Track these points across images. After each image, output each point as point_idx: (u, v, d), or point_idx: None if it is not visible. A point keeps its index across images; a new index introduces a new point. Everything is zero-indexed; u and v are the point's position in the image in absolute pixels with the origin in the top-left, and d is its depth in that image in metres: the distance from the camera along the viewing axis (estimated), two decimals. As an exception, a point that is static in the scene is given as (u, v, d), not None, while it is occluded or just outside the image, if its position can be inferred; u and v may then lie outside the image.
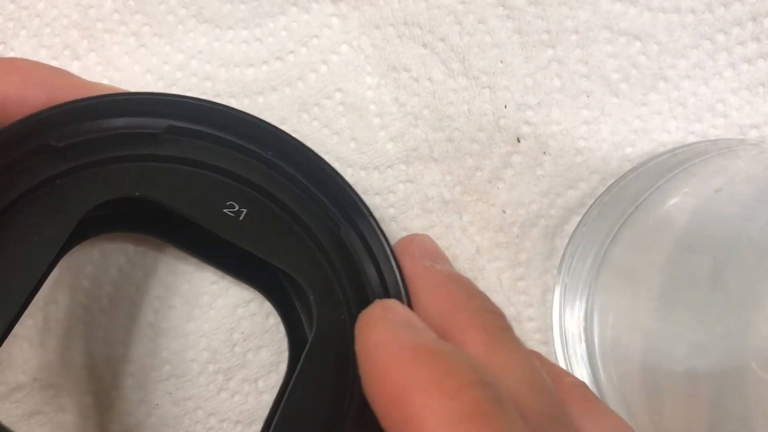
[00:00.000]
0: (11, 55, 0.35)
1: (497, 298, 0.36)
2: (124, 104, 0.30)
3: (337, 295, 0.31)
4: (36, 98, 0.29)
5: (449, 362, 0.22)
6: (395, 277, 0.30)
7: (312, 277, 0.31)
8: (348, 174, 0.36)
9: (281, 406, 0.28)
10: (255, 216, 0.31)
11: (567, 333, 0.35)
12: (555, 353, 0.35)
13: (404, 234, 0.36)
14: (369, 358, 0.24)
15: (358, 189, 0.32)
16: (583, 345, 0.34)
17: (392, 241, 0.31)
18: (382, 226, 0.31)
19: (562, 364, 0.35)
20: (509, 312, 0.36)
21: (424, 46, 0.35)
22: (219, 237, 0.30)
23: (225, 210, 0.30)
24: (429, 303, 0.29)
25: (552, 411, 0.24)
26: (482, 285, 0.36)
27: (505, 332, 0.27)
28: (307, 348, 0.29)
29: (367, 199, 0.33)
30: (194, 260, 0.35)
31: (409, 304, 0.30)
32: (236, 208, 0.30)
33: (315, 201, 0.31)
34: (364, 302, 0.29)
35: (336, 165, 0.35)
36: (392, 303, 0.27)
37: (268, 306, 0.36)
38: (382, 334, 0.24)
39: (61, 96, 0.29)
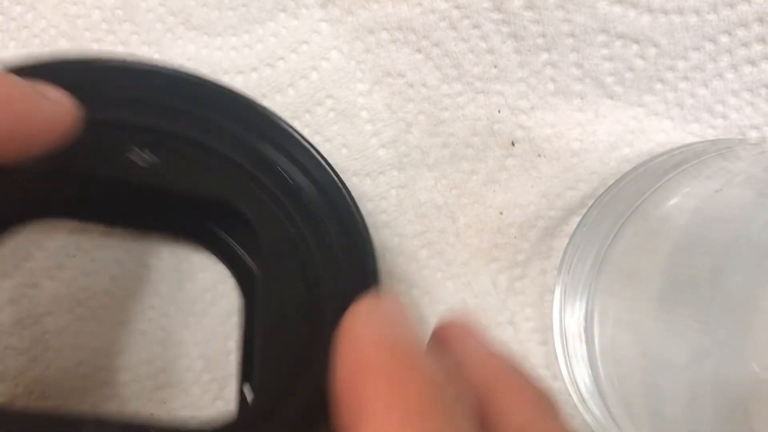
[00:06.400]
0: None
1: (492, 302, 0.36)
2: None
3: (282, 221, 0.31)
4: None
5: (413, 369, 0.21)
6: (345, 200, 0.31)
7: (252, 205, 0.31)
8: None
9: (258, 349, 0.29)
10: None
11: (567, 333, 0.34)
12: (555, 353, 0.35)
13: (397, 240, 0.36)
14: (343, 347, 0.22)
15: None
16: (584, 345, 0.34)
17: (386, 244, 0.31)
18: (375, 232, 0.31)
19: (562, 364, 0.35)
20: (505, 316, 0.36)
21: (419, 51, 0.35)
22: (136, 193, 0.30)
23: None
24: None
25: None
26: (476, 289, 0.36)
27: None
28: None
29: (359, 205, 0.33)
30: (188, 269, 0.35)
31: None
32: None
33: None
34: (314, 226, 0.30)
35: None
36: (384, 298, 0.24)
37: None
38: (363, 328, 0.22)
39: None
